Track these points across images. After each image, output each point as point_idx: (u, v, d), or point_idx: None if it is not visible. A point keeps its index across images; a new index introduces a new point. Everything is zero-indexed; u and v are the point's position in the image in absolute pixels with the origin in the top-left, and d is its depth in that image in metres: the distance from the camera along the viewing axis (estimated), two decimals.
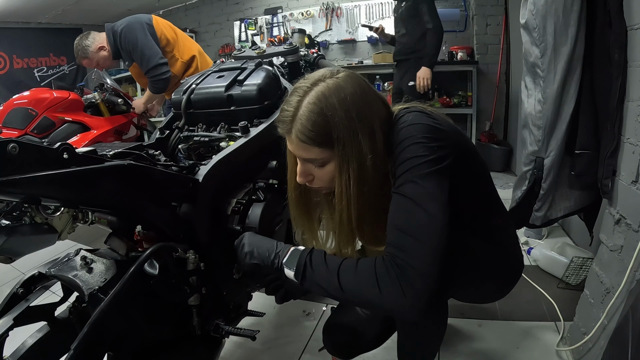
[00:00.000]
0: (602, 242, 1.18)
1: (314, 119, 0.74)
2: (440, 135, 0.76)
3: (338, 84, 0.76)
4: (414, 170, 0.72)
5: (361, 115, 0.75)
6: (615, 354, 0.82)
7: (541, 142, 1.36)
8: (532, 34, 1.32)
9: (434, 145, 0.74)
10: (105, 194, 0.75)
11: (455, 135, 0.81)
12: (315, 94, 0.75)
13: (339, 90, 0.75)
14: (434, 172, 0.72)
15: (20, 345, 0.78)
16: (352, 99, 0.74)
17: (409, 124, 0.76)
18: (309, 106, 0.75)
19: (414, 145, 0.74)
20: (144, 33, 2.19)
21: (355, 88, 0.76)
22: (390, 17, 4.17)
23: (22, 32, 4.68)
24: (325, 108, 0.74)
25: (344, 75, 0.78)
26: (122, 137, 2.60)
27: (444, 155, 0.74)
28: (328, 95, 0.74)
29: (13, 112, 2.26)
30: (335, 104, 0.74)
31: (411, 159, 0.73)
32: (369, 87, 0.80)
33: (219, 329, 0.97)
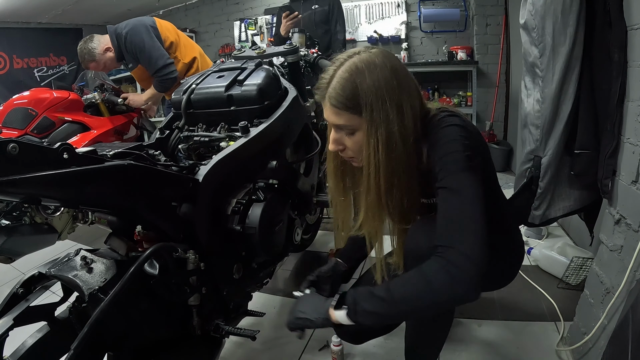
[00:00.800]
0: (602, 242, 1.18)
1: (345, 84, 0.80)
2: (473, 138, 0.83)
3: (370, 57, 0.81)
4: (454, 166, 0.78)
5: (389, 87, 0.80)
6: (615, 354, 0.82)
7: (539, 141, 1.36)
8: (531, 34, 1.32)
9: (469, 145, 0.80)
10: (105, 194, 0.75)
11: (481, 139, 0.91)
12: (348, 64, 0.82)
13: (369, 62, 0.81)
14: (471, 167, 0.78)
15: (20, 345, 0.78)
16: (382, 71, 0.80)
17: (449, 124, 0.82)
18: (342, 74, 0.81)
19: (454, 143, 0.80)
20: (150, 35, 2.20)
21: (385, 63, 0.81)
22: (390, 17, 4.18)
23: (22, 32, 4.67)
24: (356, 76, 0.80)
25: (377, 51, 0.84)
26: (122, 137, 2.60)
27: (476, 155, 0.81)
28: (360, 66, 0.80)
29: (13, 112, 2.26)
30: (365, 73, 0.80)
31: (451, 154, 0.79)
32: (401, 67, 0.84)
33: (219, 329, 0.97)
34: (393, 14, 4.16)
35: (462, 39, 3.94)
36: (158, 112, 5.04)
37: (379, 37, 4.18)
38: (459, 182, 0.77)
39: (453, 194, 0.76)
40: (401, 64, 0.85)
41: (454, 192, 0.76)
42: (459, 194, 0.76)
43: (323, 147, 1.64)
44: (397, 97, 0.80)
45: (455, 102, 3.85)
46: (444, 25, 4.01)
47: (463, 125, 0.83)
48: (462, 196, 0.76)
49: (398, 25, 4.15)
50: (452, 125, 0.82)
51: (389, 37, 4.17)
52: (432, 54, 4.11)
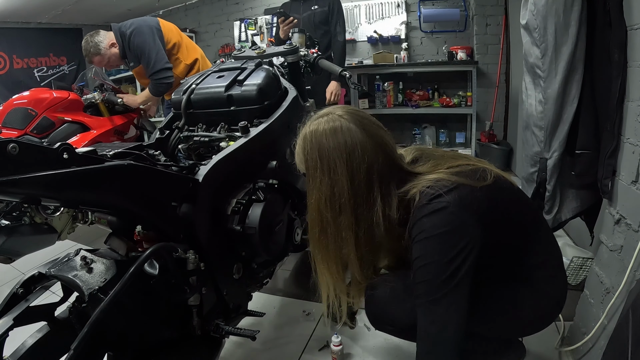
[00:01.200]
0: (602, 242, 1.18)
1: (298, 155, 0.92)
2: (457, 246, 0.81)
3: (317, 127, 0.88)
4: (430, 292, 0.82)
5: (323, 157, 0.86)
6: (615, 354, 0.82)
7: (543, 143, 1.36)
8: (532, 34, 1.32)
9: (449, 261, 0.80)
10: (105, 194, 0.75)
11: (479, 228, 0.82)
12: (300, 137, 0.91)
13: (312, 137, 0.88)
14: (450, 290, 0.81)
15: (20, 345, 0.78)
16: (319, 146, 0.86)
17: (424, 237, 0.82)
18: (299, 141, 0.91)
19: (430, 266, 0.82)
20: (153, 37, 2.22)
21: (324, 140, 0.86)
22: (390, 17, 4.18)
23: (22, 32, 4.67)
24: (300, 150, 0.90)
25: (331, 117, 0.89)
26: (122, 137, 2.59)
27: (460, 267, 0.80)
28: (306, 141, 0.89)
29: (13, 112, 2.26)
30: (307, 147, 0.88)
31: (427, 282, 0.82)
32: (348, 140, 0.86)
33: (219, 329, 0.97)
34: (393, 14, 4.16)
35: (462, 39, 3.94)
36: (158, 112, 5.04)
37: (378, 37, 4.18)
38: (434, 310, 0.82)
39: (429, 320, 0.83)
40: (351, 134, 0.86)
41: (430, 319, 0.83)
42: (433, 323, 0.83)
43: None
44: (329, 167, 0.85)
45: (455, 102, 3.85)
46: (444, 25, 4.01)
47: (444, 238, 0.81)
48: (437, 325, 0.82)
49: (398, 25, 4.14)
50: (429, 238, 0.82)
51: (388, 37, 4.17)
52: (432, 54, 4.11)
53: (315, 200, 0.88)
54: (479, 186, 0.86)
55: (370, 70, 4.08)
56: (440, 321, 0.83)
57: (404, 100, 4.02)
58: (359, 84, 1.85)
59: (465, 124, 3.94)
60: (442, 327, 0.83)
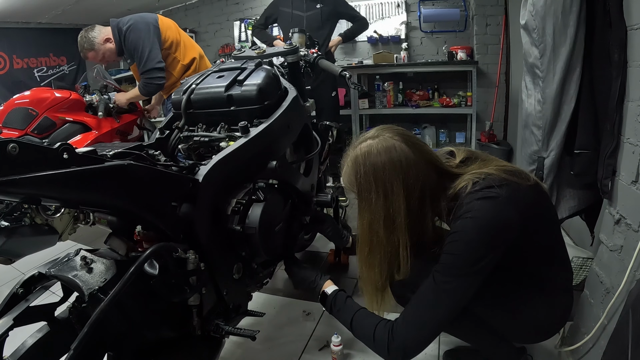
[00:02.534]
0: (602, 242, 1.18)
1: (347, 172, 0.94)
2: (498, 236, 0.84)
3: (369, 147, 0.90)
4: (453, 266, 0.85)
5: (378, 183, 0.88)
6: (615, 354, 0.82)
7: (541, 142, 1.36)
8: (531, 34, 1.32)
9: (484, 247, 0.84)
10: (105, 194, 0.75)
11: (520, 225, 0.86)
12: (352, 155, 0.93)
13: (367, 153, 0.90)
14: (469, 273, 0.85)
15: (20, 345, 0.78)
16: (374, 166, 0.88)
17: (471, 217, 0.84)
18: (348, 163, 0.94)
19: (464, 245, 0.85)
20: (148, 34, 2.17)
21: (382, 150, 0.89)
22: (390, 17, 4.18)
23: (22, 32, 4.67)
24: (351, 171, 0.93)
25: (382, 138, 0.91)
26: (126, 137, 2.59)
27: (489, 256, 0.84)
28: (359, 163, 0.91)
29: (13, 112, 2.26)
30: (360, 165, 0.90)
31: (456, 256, 0.85)
32: (405, 150, 0.88)
33: (219, 329, 0.97)
34: (393, 14, 4.16)
35: (462, 39, 3.94)
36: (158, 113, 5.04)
37: (378, 37, 4.18)
38: (446, 284, 0.86)
39: (435, 289, 0.87)
40: (404, 153, 0.88)
41: (437, 288, 0.87)
42: (437, 294, 0.86)
43: (323, 147, 1.64)
44: (384, 189, 0.88)
45: (455, 102, 3.85)
46: (444, 25, 4.01)
47: (493, 216, 0.83)
48: (440, 297, 0.86)
49: (398, 25, 4.14)
50: (477, 217, 0.84)
51: (388, 37, 4.17)
52: (432, 54, 4.11)
53: (367, 222, 0.91)
54: (525, 185, 0.90)
55: (370, 70, 4.08)
56: (444, 296, 0.86)
57: (404, 100, 4.02)
58: (359, 84, 1.85)
59: (465, 124, 3.94)
60: (440, 302, 0.87)
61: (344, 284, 1.82)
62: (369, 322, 0.96)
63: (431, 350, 1.37)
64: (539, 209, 0.95)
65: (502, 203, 0.84)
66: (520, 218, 0.85)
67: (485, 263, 0.84)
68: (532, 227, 0.90)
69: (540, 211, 0.95)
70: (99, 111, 2.39)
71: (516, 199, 0.86)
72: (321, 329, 1.52)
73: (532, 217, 0.89)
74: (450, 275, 0.86)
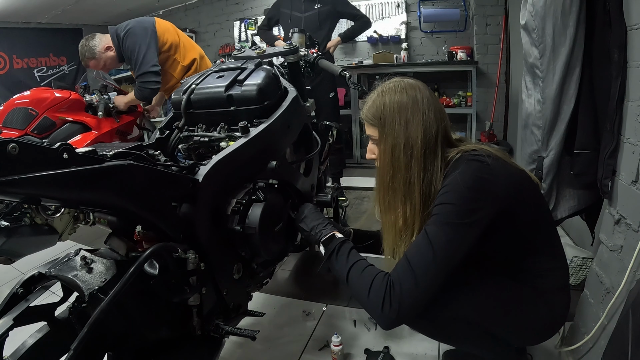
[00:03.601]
0: (602, 242, 1.18)
1: (372, 105, 1.02)
2: (484, 189, 0.89)
3: (396, 85, 1.01)
4: (443, 215, 0.88)
5: (402, 108, 0.97)
6: (615, 354, 0.82)
7: (541, 142, 1.36)
8: (531, 34, 1.32)
9: (472, 198, 0.88)
10: (105, 194, 0.75)
11: (507, 189, 0.91)
12: (379, 89, 1.03)
13: (393, 89, 1.00)
14: (459, 224, 0.87)
15: (20, 345, 0.78)
16: (401, 96, 0.98)
17: (459, 172, 0.90)
18: (372, 96, 1.03)
19: (453, 194, 0.89)
20: (145, 38, 2.17)
21: (406, 90, 0.99)
22: (390, 17, 4.18)
23: (22, 32, 4.67)
24: (380, 98, 1.01)
25: (407, 81, 1.02)
26: (126, 137, 2.59)
27: (478, 209, 0.87)
28: (384, 90, 1.01)
29: (13, 112, 2.26)
30: (386, 96, 1.00)
31: (446, 205, 0.89)
32: (425, 97, 0.98)
33: (219, 329, 0.97)
34: (393, 14, 4.16)
35: (462, 39, 3.94)
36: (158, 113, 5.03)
37: (378, 37, 4.19)
38: (438, 235, 0.87)
39: (427, 240, 0.88)
40: (426, 95, 0.99)
41: (429, 241, 0.88)
42: (430, 244, 0.87)
43: (323, 147, 1.64)
44: (406, 119, 0.96)
45: (455, 102, 3.85)
46: (444, 25, 4.02)
47: (479, 176, 0.89)
48: (432, 248, 0.87)
49: (398, 25, 4.15)
50: (465, 173, 0.89)
51: (388, 37, 4.17)
52: (432, 54, 4.11)
53: (390, 146, 0.98)
54: (514, 165, 0.98)
55: (370, 70, 4.09)
56: (437, 249, 0.86)
57: None
58: (359, 84, 1.85)
59: (465, 124, 3.94)
60: (434, 255, 0.86)
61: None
62: (368, 272, 0.93)
63: (431, 350, 1.37)
64: (526, 187, 0.99)
65: (489, 167, 0.90)
66: (506, 183, 0.91)
67: (475, 218, 0.87)
68: (517, 200, 0.94)
69: (527, 191, 0.99)
70: (99, 111, 2.39)
71: (503, 170, 0.92)
72: (321, 329, 1.52)
73: (518, 194, 0.94)
74: (441, 225, 0.88)
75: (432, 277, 0.87)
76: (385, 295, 0.88)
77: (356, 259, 0.99)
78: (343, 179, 3.12)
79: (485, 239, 0.91)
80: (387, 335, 1.45)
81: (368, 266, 0.96)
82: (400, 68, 3.98)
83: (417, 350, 1.37)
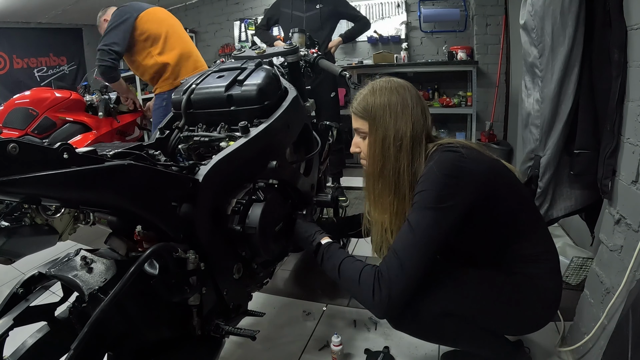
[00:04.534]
0: (602, 242, 1.18)
1: (362, 99, 1.07)
2: (459, 175, 0.93)
3: (386, 84, 1.07)
4: (422, 201, 0.93)
5: (392, 106, 1.03)
6: (615, 354, 0.82)
7: (539, 141, 1.37)
8: (530, 34, 1.32)
9: (448, 183, 0.92)
10: (105, 194, 0.74)
11: (484, 176, 0.97)
12: (370, 86, 1.09)
13: (383, 87, 1.06)
14: (437, 208, 0.91)
15: (20, 345, 0.78)
16: (390, 95, 1.04)
17: (434, 161, 0.96)
18: (364, 92, 1.09)
19: (429, 182, 0.94)
20: (117, 20, 2.19)
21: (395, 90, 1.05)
22: (390, 17, 4.18)
23: (22, 32, 4.67)
24: (370, 95, 1.06)
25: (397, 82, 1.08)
26: (125, 137, 2.59)
27: (454, 194, 0.92)
28: (375, 88, 1.07)
29: (13, 112, 2.26)
30: (377, 94, 1.05)
31: (423, 192, 0.94)
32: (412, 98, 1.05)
33: (219, 329, 0.97)
34: (393, 14, 4.16)
35: (462, 39, 3.94)
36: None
37: (378, 37, 4.18)
38: (418, 220, 0.92)
39: (408, 227, 0.93)
40: (413, 96, 1.05)
41: (411, 227, 0.93)
42: (413, 232, 0.92)
43: (323, 147, 1.64)
44: (396, 114, 1.02)
45: (455, 102, 3.85)
46: (444, 25, 4.02)
47: (453, 164, 0.94)
48: (414, 235, 0.92)
49: (398, 25, 4.15)
50: (440, 162, 0.95)
51: (388, 37, 4.17)
52: (432, 54, 4.11)
53: (380, 138, 1.03)
54: (488, 154, 1.03)
55: (370, 70, 4.08)
56: (418, 231, 0.91)
57: None
58: (359, 84, 1.85)
59: (466, 124, 3.94)
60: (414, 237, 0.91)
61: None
62: (356, 265, 0.99)
63: (431, 350, 1.37)
64: (501, 176, 1.03)
65: (463, 155, 0.95)
66: (480, 173, 0.96)
67: (452, 202, 0.91)
68: (496, 189, 0.98)
69: (504, 180, 1.03)
70: (99, 111, 2.39)
71: (477, 157, 0.98)
72: (321, 329, 1.52)
73: (493, 179, 0.99)
74: (420, 210, 0.93)
75: (415, 260, 0.91)
76: (375, 283, 0.92)
77: (344, 255, 1.03)
78: (343, 178, 3.13)
79: (468, 227, 0.96)
80: (387, 335, 1.45)
81: (356, 260, 1.01)
82: (400, 68, 3.98)
83: (417, 351, 1.37)
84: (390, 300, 0.91)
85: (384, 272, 0.93)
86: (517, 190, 1.07)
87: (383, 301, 0.92)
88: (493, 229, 1.03)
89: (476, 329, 1.02)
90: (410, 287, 0.92)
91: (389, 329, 1.48)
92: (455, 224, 0.94)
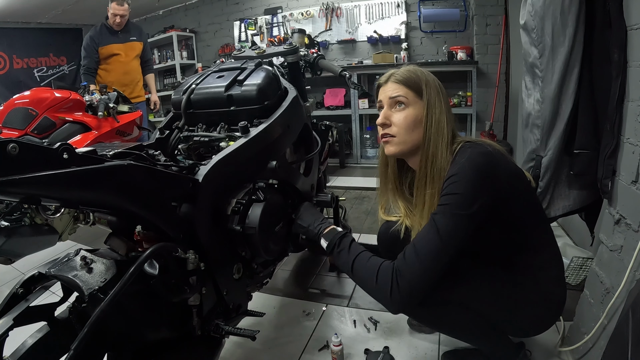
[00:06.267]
0: (602, 242, 1.18)
1: (411, 71, 1.06)
2: (493, 176, 0.92)
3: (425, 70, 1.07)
4: (451, 206, 0.90)
5: (442, 90, 1.05)
6: (615, 354, 0.82)
7: (540, 141, 1.36)
8: (530, 34, 1.32)
9: (478, 185, 0.90)
10: (105, 194, 0.74)
11: (511, 177, 0.97)
12: (413, 66, 1.09)
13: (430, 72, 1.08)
14: (465, 215, 0.89)
15: (20, 345, 0.78)
16: (436, 81, 1.07)
17: (467, 158, 0.93)
18: (410, 67, 1.08)
19: (464, 183, 0.90)
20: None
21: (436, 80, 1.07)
22: (390, 17, 4.18)
23: (22, 32, 4.67)
24: (420, 72, 1.06)
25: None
26: (125, 137, 2.59)
27: (485, 195, 0.90)
28: (423, 69, 1.07)
29: (13, 112, 2.26)
30: (426, 74, 1.06)
31: (457, 195, 0.90)
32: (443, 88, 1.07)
33: (219, 329, 0.97)
34: (393, 14, 4.16)
35: (462, 39, 3.94)
36: (158, 113, 5.04)
37: (378, 37, 4.19)
38: (445, 223, 0.90)
39: (434, 228, 0.91)
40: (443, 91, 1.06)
41: (436, 228, 0.90)
42: (438, 232, 0.90)
43: (323, 147, 1.64)
44: (444, 100, 1.03)
45: (455, 102, 3.85)
46: (444, 25, 4.02)
47: (480, 165, 0.91)
48: (439, 236, 0.90)
49: (398, 25, 4.15)
50: (473, 160, 0.92)
51: (388, 37, 4.17)
52: (432, 54, 4.11)
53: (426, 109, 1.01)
54: (510, 159, 1.01)
55: (370, 70, 4.08)
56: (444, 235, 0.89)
57: None
58: (359, 84, 1.85)
59: (466, 124, 3.94)
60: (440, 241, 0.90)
61: (344, 282, 1.82)
62: (373, 262, 0.97)
63: (431, 350, 1.37)
64: (522, 182, 1.02)
65: (494, 156, 0.94)
66: (506, 175, 0.95)
67: (478, 205, 0.89)
68: (515, 195, 0.98)
69: (523, 186, 1.02)
70: (99, 111, 2.39)
71: (504, 160, 0.96)
72: (321, 329, 1.52)
73: (516, 184, 0.98)
74: (448, 215, 0.90)
75: (438, 265, 0.90)
76: (393, 281, 0.91)
77: (359, 250, 1.01)
78: (343, 178, 3.13)
79: (482, 232, 0.94)
80: (387, 335, 1.45)
81: (372, 256, 0.99)
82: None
83: (417, 351, 1.37)
84: (407, 299, 0.91)
85: (402, 271, 0.91)
86: (531, 195, 1.07)
87: (400, 299, 0.91)
88: (505, 231, 1.01)
89: (481, 321, 1.03)
90: (427, 286, 0.92)
91: (389, 329, 1.48)
92: (480, 225, 0.92)
